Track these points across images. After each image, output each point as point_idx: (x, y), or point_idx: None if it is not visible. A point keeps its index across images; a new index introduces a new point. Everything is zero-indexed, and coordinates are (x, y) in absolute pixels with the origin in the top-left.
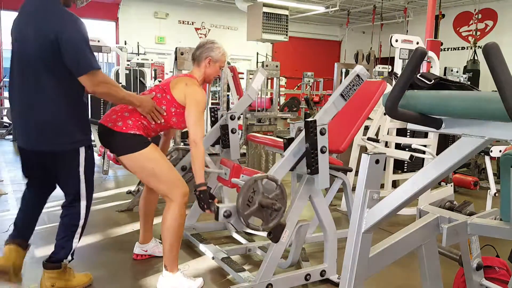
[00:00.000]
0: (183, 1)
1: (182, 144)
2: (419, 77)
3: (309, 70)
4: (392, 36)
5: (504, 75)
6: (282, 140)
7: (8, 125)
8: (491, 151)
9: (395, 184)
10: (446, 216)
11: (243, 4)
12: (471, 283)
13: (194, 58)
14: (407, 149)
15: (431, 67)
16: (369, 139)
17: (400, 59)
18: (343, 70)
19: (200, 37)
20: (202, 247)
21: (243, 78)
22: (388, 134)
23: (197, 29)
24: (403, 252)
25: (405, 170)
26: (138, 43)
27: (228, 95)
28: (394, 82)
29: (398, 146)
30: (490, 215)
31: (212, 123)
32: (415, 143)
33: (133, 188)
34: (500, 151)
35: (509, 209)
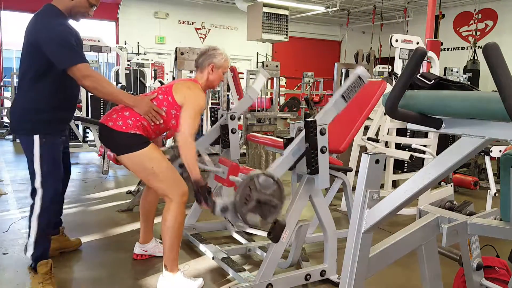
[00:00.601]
0: (183, 1)
1: None
2: (419, 77)
3: (309, 70)
4: (392, 36)
5: (504, 75)
6: (282, 140)
7: (7, 125)
8: (491, 151)
9: (395, 184)
10: (446, 216)
11: (243, 4)
12: (471, 283)
13: (197, 65)
14: (407, 149)
15: (431, 67)
16: (369, 139)
17: (400, 59)
18: (343, 70)
19: (200, 37)
20: (202, 247)
21: (243, 78)
22: (388, 134)
23: (197, 29)
24: (403, 252)
25: (405, 170)
26: (138, 43)
27: (228, 95)
28: (394, 82)
29: (398, 146)
30: (490, 215)
31: (212, 123)
32: (415, 143)
33: (133, 188)
34: (500, 151)
35: (509, 209)
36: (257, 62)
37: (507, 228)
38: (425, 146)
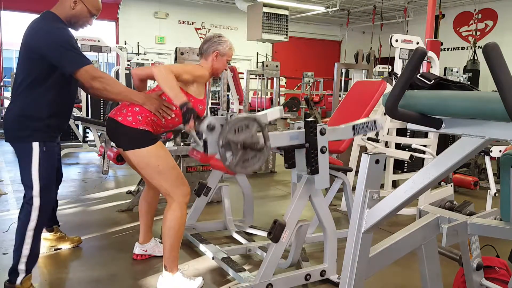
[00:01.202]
0: (183, 1)
1: (182, 144)
2: (419, 77)
3: (309, 70)
4: (392, 36)
5: (504, 75)
6: None
7: None
8: (491, 151)
9: (395, 184)
10: (446, 216)
11: (243, 4)
12: (471, 283)
13: (201, 52)
14: (407, 149)
15: (431, 67)
16: (369, 139)
17: (400, 59)
18: (343, 70)
19: (200, 37)
20: (202, 247)
21: (243, 78)
22: (388, 134)
23: (197, 29)
24: (403, 252)
25: (405, 170)
26: (138, 43)
27: (228, 95)
28: (394, 82)
29: (398, 146)
30: (490, 215)
31: None
32: (415, 143)
33: (133, 188)
34: (500, 151)
35: (509, 209)
36: (257, 62)
37: (507, 228)
38: (425, 146)
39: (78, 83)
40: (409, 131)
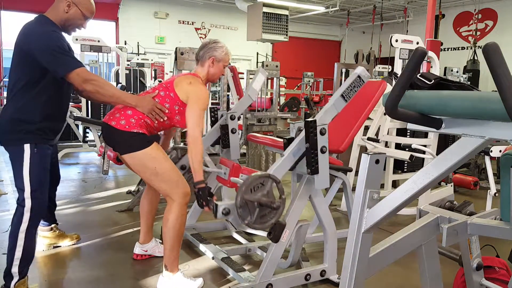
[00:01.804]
0: (183, 1)
1: (182, 144)
2: (419, 77)
3: (309, 70)
4: (392, 36)
5: (504, 75)
6: (282, 140)
7: None
8: (491, 151)
9: (395, 184)
10: (446, 216)
11: (243, 4)
12: (471, 283)
13: (197, 58)
14: (407, 149)
15: (431, 67)
16: (369, 139)
17: (400, 59)
18: (343, 70)
19: (200, 37)
20: (202, 247)
21: (243, 78)
22: (388, 134)
23: (197, 29)
24: (403, 252)
25: (405, 170)
26: (138, 43)
27: (228, 95)
28: (394, 82)
29: (398, 146)
30: (490, 215)
31: (212, 123)
32: (415, 143)
33: (133, 188)
34: (500, 151)
35: (509, 209)
36: (257, 62)
37: (507, 228)
38: (425, 146)
39: (72, 86)
40: (409, 131)
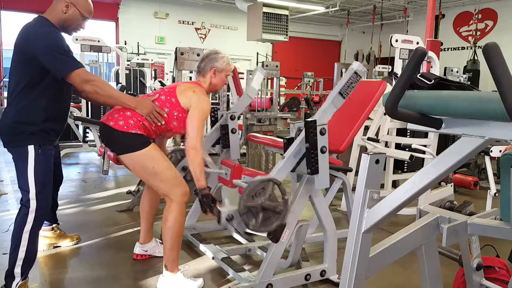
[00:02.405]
0: (183, 1)
1: (182, 145)
2: (419, 77)
3: (309, 70)
4: (392, 36)
5: (504, 75)
6: (282, 140)
7: None
8: (491, 151)
9: (395, 184)
10: (446, 216)
11: (243, 4)
12: (471, 283)
13: (199, 70)
14: (407, 149)
15: (431, 67)
16: (369, 139)
17: (400, 59)
18: (343, 70)
19: (200, 37)
20: (202, 247)
21: (243, 78)
22: (388, 134)
23: (197, 29)
24: (403, 252)
25: (405, 170)
26: (138, 43)
27: (228, 95)
28: (394, 82)
29: (398, 146)
30: (490, 215)
31: (212, 123)
32: (415, 143)
33: (133, 188)
34: (500, 151)
35: (509, 209)
36: (257, 62)
37: (507, 228)
38: (425, 146)
39: (72, 87)
40: (409, 131)
